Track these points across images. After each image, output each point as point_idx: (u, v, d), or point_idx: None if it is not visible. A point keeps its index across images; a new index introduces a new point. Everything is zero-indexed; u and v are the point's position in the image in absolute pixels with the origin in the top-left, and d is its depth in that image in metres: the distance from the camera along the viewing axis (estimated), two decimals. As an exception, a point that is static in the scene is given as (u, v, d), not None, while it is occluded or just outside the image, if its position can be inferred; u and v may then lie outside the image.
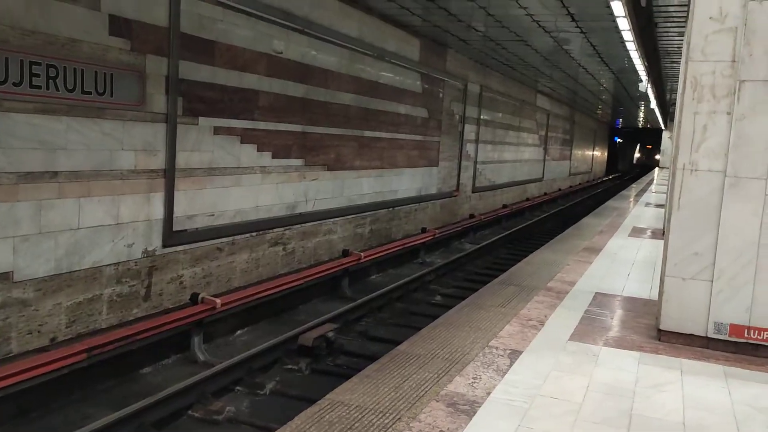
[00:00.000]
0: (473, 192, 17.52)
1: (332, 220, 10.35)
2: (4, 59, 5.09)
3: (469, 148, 16.85)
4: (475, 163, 17.46)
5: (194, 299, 6.75)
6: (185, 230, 7.20)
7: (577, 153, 35.14)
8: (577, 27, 11.07)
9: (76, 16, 5.69)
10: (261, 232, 8.58)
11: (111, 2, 5.98)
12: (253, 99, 8.12)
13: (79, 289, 6.01)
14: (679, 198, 4.81)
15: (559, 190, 28.93)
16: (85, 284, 6.06)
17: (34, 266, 5.56)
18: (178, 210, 7.05)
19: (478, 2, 9.69)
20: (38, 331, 5.66)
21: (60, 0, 5.53)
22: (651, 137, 52.80)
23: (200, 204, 7.39)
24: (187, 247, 7.26)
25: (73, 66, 5.65)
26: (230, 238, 7.97)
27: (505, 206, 19.68)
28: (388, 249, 11.11)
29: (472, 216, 16.25)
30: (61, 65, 5.55)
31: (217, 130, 7.55)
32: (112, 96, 6.05)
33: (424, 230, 12.99)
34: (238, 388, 6.01)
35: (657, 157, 53.65)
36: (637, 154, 63.27)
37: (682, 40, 11.47)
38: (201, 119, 7.27)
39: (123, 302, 6.50)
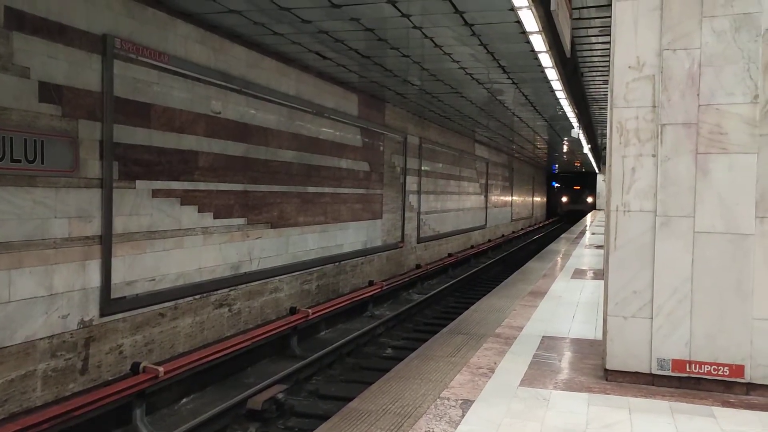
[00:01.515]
0: (418, 242, 17.65)
1: (278, 277, 10.21)
2: (-74, 130, 4.94)
3: (412, 199, 17.05)
4: (419, 213, 17.65)
5: (135, 369, 6.49)
6: (124, 297, 6.97)
7: (518, 199, 36.02)
8: (509, 78, 11.49)
9: (5, 85, 5.57)
10: (205, 294, 8.38)
11: (41, 69, 5.90)
12: (192, 160, 8.05)
13: (11, 366, 5.70)
14: (615, 239, 4.96)
15: (503, 236, 29.45)
16: (17, 360, 5.75)
17: (-40, 345, 5.27)
18: (117, 276, 6.84)
19: (412, 58, 9.97)
20: (-35, 414, 5.32)
21: (-13, 68, 5.42)
22: (586, 180, 54.06)
23: (140, 269, 7.19)
24: (126, 314, 7.02)
25: (2, 134, 5.51)
26: (173, 303, 7.75)
27: (450, 255, 19.87)
28: (337, 304, 11.00)
29: (418, 266, 16.32)
30: (-11, 134, 5.41)
31: (156, 193, 7.43)
32: (43, 163, 5.90)
33: (371, 283, 12.95)
34: (184, 460, 5.76)
35: (589, 200, 54.80)
36: (564, 198, 56.68)
37: (607, 87, 12.04)
38: (138, 182, 7.14)
39: (59, 377, 6.19)
